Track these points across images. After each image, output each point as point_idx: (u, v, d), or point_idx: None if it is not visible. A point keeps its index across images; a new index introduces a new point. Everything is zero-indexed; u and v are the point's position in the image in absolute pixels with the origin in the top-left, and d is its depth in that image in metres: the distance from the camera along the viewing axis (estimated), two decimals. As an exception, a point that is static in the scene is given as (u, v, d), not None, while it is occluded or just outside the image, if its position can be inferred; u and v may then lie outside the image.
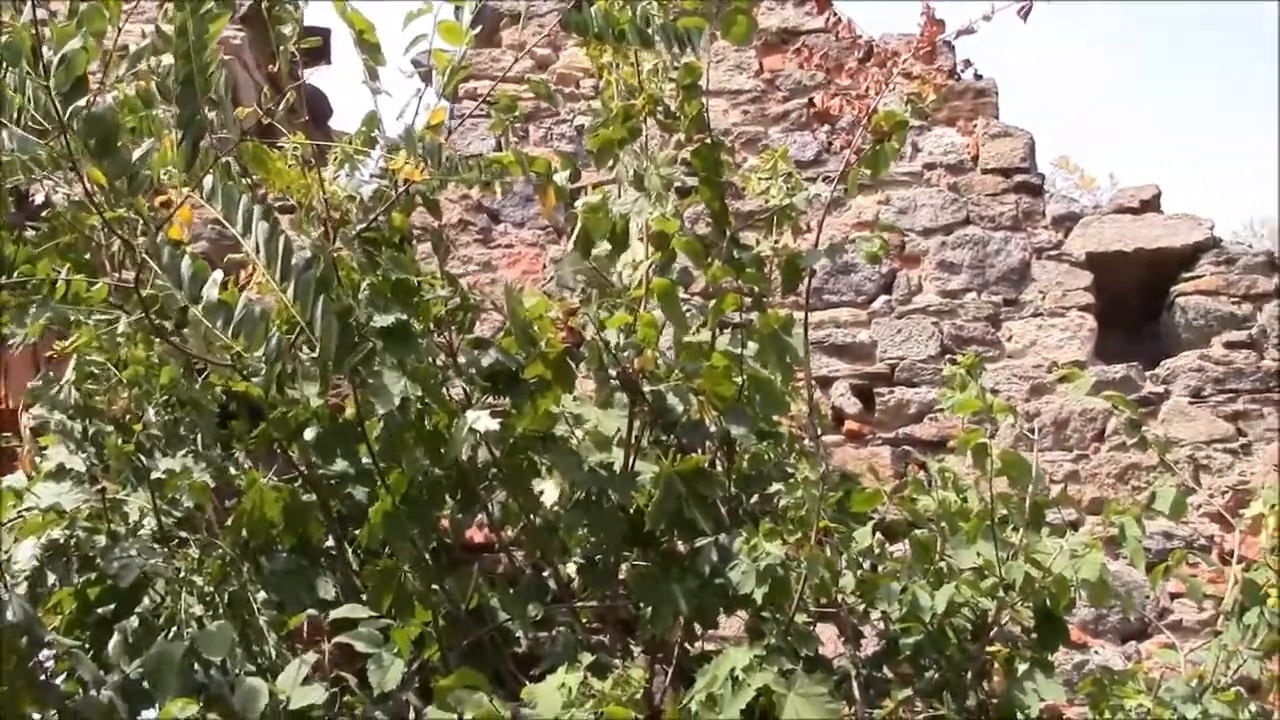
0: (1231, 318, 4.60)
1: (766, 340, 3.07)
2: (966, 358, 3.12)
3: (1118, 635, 4.18)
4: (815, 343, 4.66)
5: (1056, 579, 2.77)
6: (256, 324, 2.17)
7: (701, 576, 2.83)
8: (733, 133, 5.07)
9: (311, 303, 2.27)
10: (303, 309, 2.26)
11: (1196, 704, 2.77)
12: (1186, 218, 4.78)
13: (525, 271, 4.93)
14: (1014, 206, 4.84)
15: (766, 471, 3.13)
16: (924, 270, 4.79)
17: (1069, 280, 4.72)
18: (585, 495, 2.94)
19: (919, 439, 4.50)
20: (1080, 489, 4.40)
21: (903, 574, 2.82)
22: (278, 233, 2.31)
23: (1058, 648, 3.03)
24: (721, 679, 2.49)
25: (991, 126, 4.98)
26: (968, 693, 2.85)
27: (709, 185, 3.26)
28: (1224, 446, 4.41)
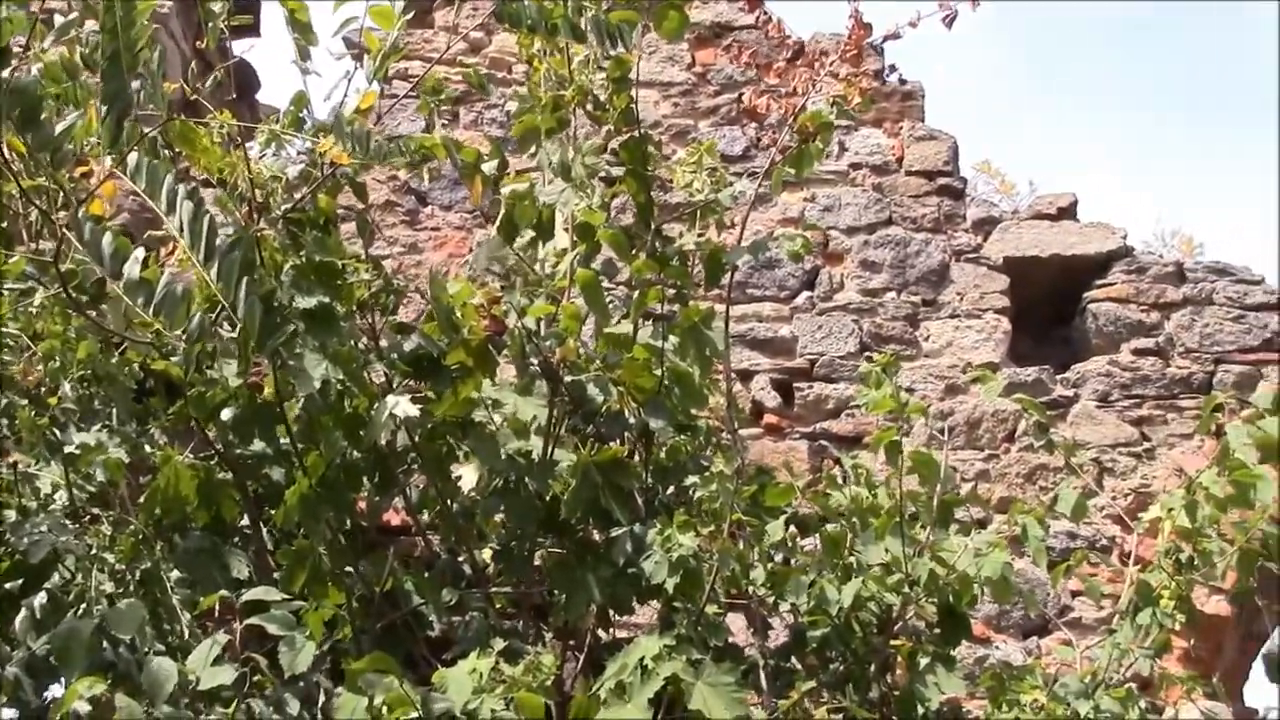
0: (1140, 325, 4.74)
1: (687, 333, 3.11)
2: (883, 356, 3.18)
3: (1020, 631, 4.30)
4: (737, 336, 4.72)
5: (960, 576, 2.85)
6: (178, 303, 2.16)
7: (615, 566, 2.87)
8: (663, 124, 5.10)
9: (235, 284, 2.26)
10: (226, 290, 2.25)
11: (1089, 700, 2.86)
12: (1101, 226, 4.91)
13: (452, 255, 4.93)
14: (936, 209, 4.93)
15: (684, 463, 3.17)
16: (846, 268, 4.87)
17: (986, 283, 4.82)
18: (503, 482, 2.97)
19: (836, 434, 4.57)
20: (990, 488, 4.50)
21: (812, 568, 2.87)
22: (202, 212, 2.30)
23: (960, 642, 3.11)
24: (631, 667, 2.53)
25: (917, 129, 5.07)
26: (871, 685, 2.92)
27: (635, 177, 3.29)
28: (1129, 450, 4.54)
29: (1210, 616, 4.19)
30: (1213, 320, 4.72)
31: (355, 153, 2.62)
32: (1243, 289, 4.77)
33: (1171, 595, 2.97)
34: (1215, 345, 4.68)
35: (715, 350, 3.15)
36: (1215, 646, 4.32)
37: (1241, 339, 4.69)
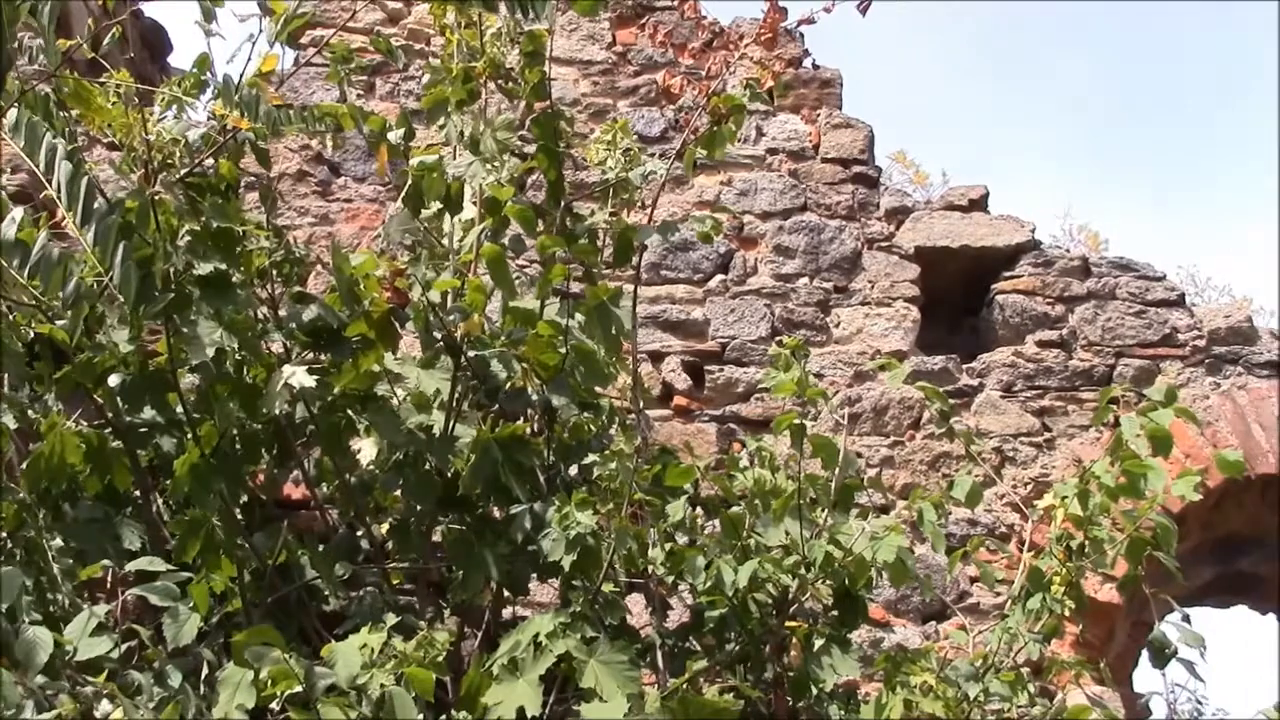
0: (1045, 317, 4.81)
1: (595, 312, 3.10)
2: (791, 340, 3.19)
3: (919, 616, 4.35)
4: (650, 318, 4.72)
5: (856, 559, 2.88)
6: (54, 266, 2.10)
7: (514, 543, 2.86)
8: (583, 103, 5.08)
9: (112, 248, 2.20)
10: (102, 254, 2.19)
11: (979, 683, 2.91)
12: (1010, 219, 4.98)
13: (364, 227, 4.86)
14: (850, 196, 4.96)
15: (587, 442, 3.16)
16: (760, 253, 4.88)
17: (897, 272, 4.87)
18: (403, 456, 2.93)
19: (745, 418, 4.59)
20: (894, 474, 4.55)
21: (710, 549, 2.88)
22: (81, 173, 2.23)
23: (857, 625, 3.14)
24: (524, 644, 2.51)
25: (834, 117, 5.09)
26: (766, 665, 2.93)
27: (547, 153, 3.26)
28: (1030, 440, 4.62)
29: (1102, 604, 4.28)
30: (1115, 315, 4.81)
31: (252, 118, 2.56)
32: (1145, 285, 4.87)
33: (1062, 582, 3.02)
34: (1116, 339, 4.78)
35: (623, 330, 3.14)
36: (1106, 633, 4.42)
37: (1142, 334, 4.79)
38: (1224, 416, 4.65)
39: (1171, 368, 4.72)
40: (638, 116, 5.02)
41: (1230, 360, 4.76)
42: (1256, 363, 4.76)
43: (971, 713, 2.93)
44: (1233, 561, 4.90)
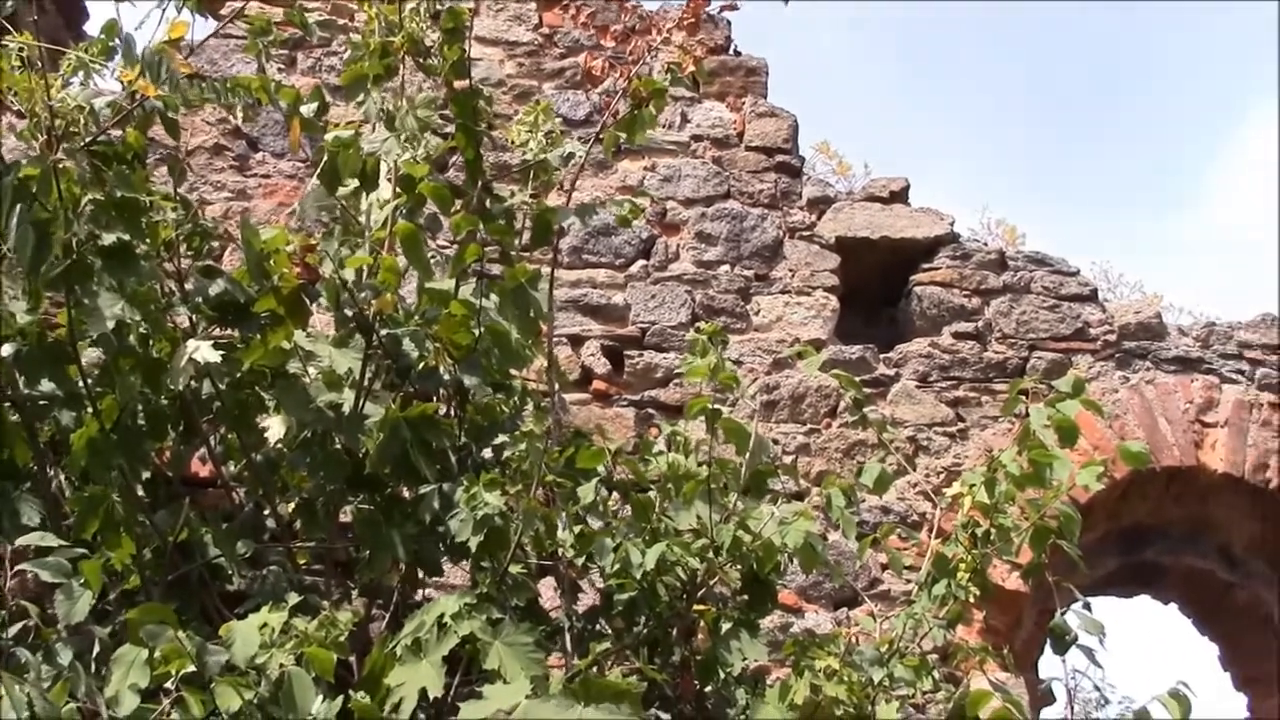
0: (962, 310, 4.88)
1: (512, 294, 3.07)
2: (709, 326, 3.19)
3: (831, 602, 4.40)
4: (571, 301, 4.71)
5: (764, 544, 2.89)
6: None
7: (422, 524, 2.83)
8: (507, 84, 5.05)
9: (7, 210, 2.14)
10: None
11: (884, 668, 2.94)
12: (930, 212, 5.03)
13: (281, 203, 4.79)
14: (773, 185, 4.99)
15: (501, 423, 3.14)
16: (683, 239, 4.89)
17: (818, 261, 4.90)
18: (311, 435, 2.89)
19: (663, 403, 4.60)
20: (810, 461, 4.59)
21: (619, 532, 2.88)
22: (-28, 135, 2.16)
23: (767, 610, 3.16)
24: (429, 625, 2.49)
25: (759, 105, 5.11)
26: (673, 648, 2.94)
27: (465, 133, 3.22)
28: (943, 430, 4.68)
29: (1009, 592, 4.35)
30: (1029, 308, 4.88)
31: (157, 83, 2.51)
32: (1059, 280, 4.95)
33: (967, 569, 3.06)
34: (1030, 332, 4.85)
35: (540, 312, 3.12)
36: (1013, 620, 4.50)
37: (1055, 328, 4.87)
38: (1132, 410, 4.74)
39: (1083, 361, 4.81)
40: (563, 99, 5.00)
41: (1139, 355, 4.86)
42: (1164, 358, 4.86)
43: (877, 697, 2.96)
44: (1137, 552, 5.01)
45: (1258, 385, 4.84)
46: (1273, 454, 4.71)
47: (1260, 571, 4.98)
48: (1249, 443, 4.72)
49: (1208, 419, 4.76)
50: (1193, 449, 4.71)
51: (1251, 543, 4.92)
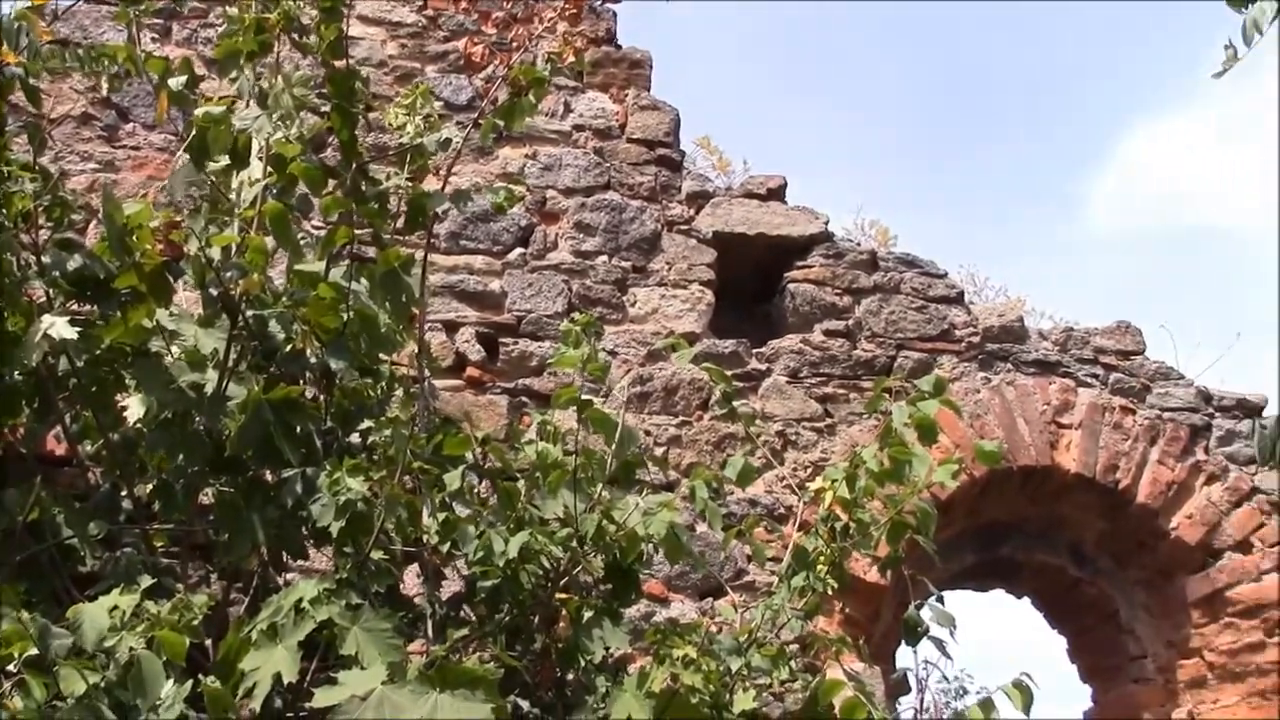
0: (833, 308, 4.97)
1: (384, 278, 3.05)
2: (582, 317, 3.21)
3: (696, 592, 4.45)
4: (447, 287, 4.68)
5: (628, 534, 2.92)
6: None
7: (284, 508, 2.80)
8: (389, 65, 5.00)
9: None
10: None
11: (741, 657, 2.99)
12: (806, 211, 5.12)
13: (151, 177, 4.67)
14: (653, 178, 5.02)
15: (368, 408, 3.12)
16: (561, 228, 4.90)
17: (695, 255, 4.95)
18: (171, 415, 2.83)
19: (536, 391, 4.60)
20: (681, 453, 4.64)
21: (483, 519, 2.88)
22: None
23: (630, 599, 3.19)
24: (286, 609, 2.47)
25: (642, 98, 5.14)
26: (535, 636, 2.95)
27: (341, 114, 3.19)
28: (812, 425, 4.77)
29: (869, 584, 4.46)
30: (898, 308, 5.00)
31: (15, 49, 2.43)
32: (928, 281, 5.08)
33: (825, 561, 3.13)
34: (899, 332, 4.97)
35: (412, 297, 3.10)
36: (873, 612, 4.61)
37: (922, 328, 4.99)
38: (992, 410, 4.89)
39: (947, 362, 4.94)
40: (445, 83, 4.97)
41: (1001, 357, 5.01)
42: (1025, 360, 5.03)
43: (735, 686, 3.01)
44: (994, 548, 5.18)
45: (1111, 389, 5.03)
46: (1122, 456, 4.91)
47: (1107, 568, 5.18)
48: (1101, 444, 4.90)
49: (1063, 421, 4.93)
50: (1048, 449, 4.87)
51: (1100, 541, 5.12)
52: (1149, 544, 5.00)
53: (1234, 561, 4.86)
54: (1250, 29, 2.55)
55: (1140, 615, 5.13)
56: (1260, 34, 2.55)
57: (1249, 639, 4.80)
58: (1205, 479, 4.94)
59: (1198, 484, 4.93)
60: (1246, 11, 2.55)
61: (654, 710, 2.74)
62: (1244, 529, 4.88)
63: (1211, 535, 4.88)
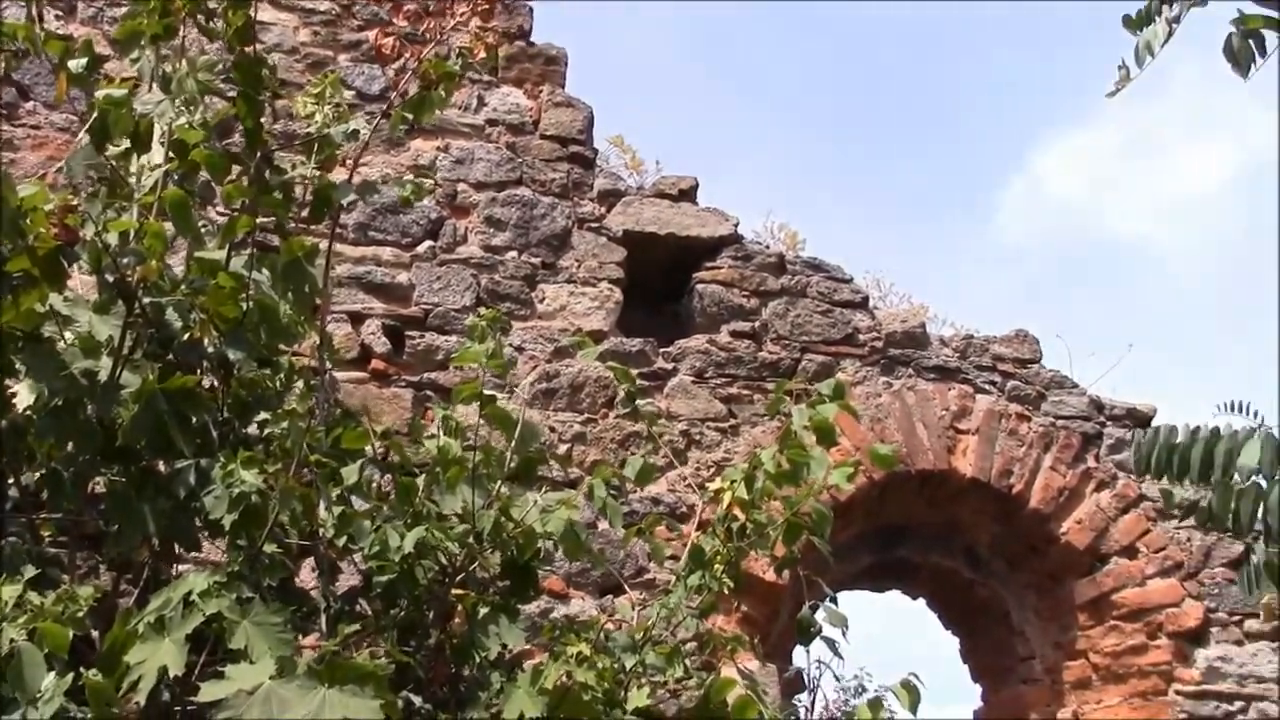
0: (740, 309, 5.02)
1: (286, 268, 3.02)
2: (489, 312, 3.21)
3: (597, 589, 4.48)
4: (354, 278, 4.65)
5: (525, 530, 2.93)
6: None
7: (177, 499, 2.76)
8: (301, 51, 4.94)
9: None
10: None
11: (636, 655, 3.02)
12: (716, 212, 5.16)
13: (51, 158, 4.57)
14: (565, 175, 5.03)
15: (267, 399, 3.09)
16: (472, 222, 4.88)
17: (605, 253, 4.97)
18: (62, 402, 2.78)
19: (442, 385, 4.59)
20: (585, 451, 4.65)
21: (380, 514, 2.87)
22: None
23: (528, 596, 3.20)
24: (175, 602, 2.44)
25: (556, 95, 5.14)
26: (430, 632, 2.95)
27: (246, 100, 3.15)
28: (716, 425, 4.81)
29: (768, 584, 4.51)
30: (804, 312, 5.07)
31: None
32: (834, 286, 5.15)
33: (721, 561, 3.16)
34: (804, 335, 5.03)
35: (315, 288, 3.07)
36: (771, 612, 4.67)
37: (827, 331, 5.06)
38: (893, 414, 4.98)
39: (850, 366, 5.02)
40: (358, 72, 4.92)
41: (903, 362, 5.10)
42: (926, 366, 5.12)
43: (630, 683, 3.03)
44: (891, 549, 5.27)
45: (1008, 396, 5.15)
46: (1017, 461, 5.03)
47: (1000, 571, 5.30)
48: (996, 450, 5.02)
49: (961, 426, 5.04)
50: (946, 454, 4.97)
51: (994, 544, 5.24)
52: (1040, 548, 5.13)
53: (1120, 566, 5.01)
54: (1143, 51, 2.64)
55: (1030, 617, 5.26)
56: (1152, 56, 2.64)
57: (1132, 641, 4.95)
58: (1095, 485, 5.08)
59: (1088, 490, 5.07)
60: (1140, 34, 2.64)
61: (547, 707, 2.75)
62: (1130, 535, 5.03)
63: (1099, 540, 5.02)
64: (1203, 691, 4.87)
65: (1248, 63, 2.17)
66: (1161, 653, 4.90)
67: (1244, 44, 2.15)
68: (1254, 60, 2.17)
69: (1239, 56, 2.16)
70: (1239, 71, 2.17)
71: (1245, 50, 2.15)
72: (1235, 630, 4.93)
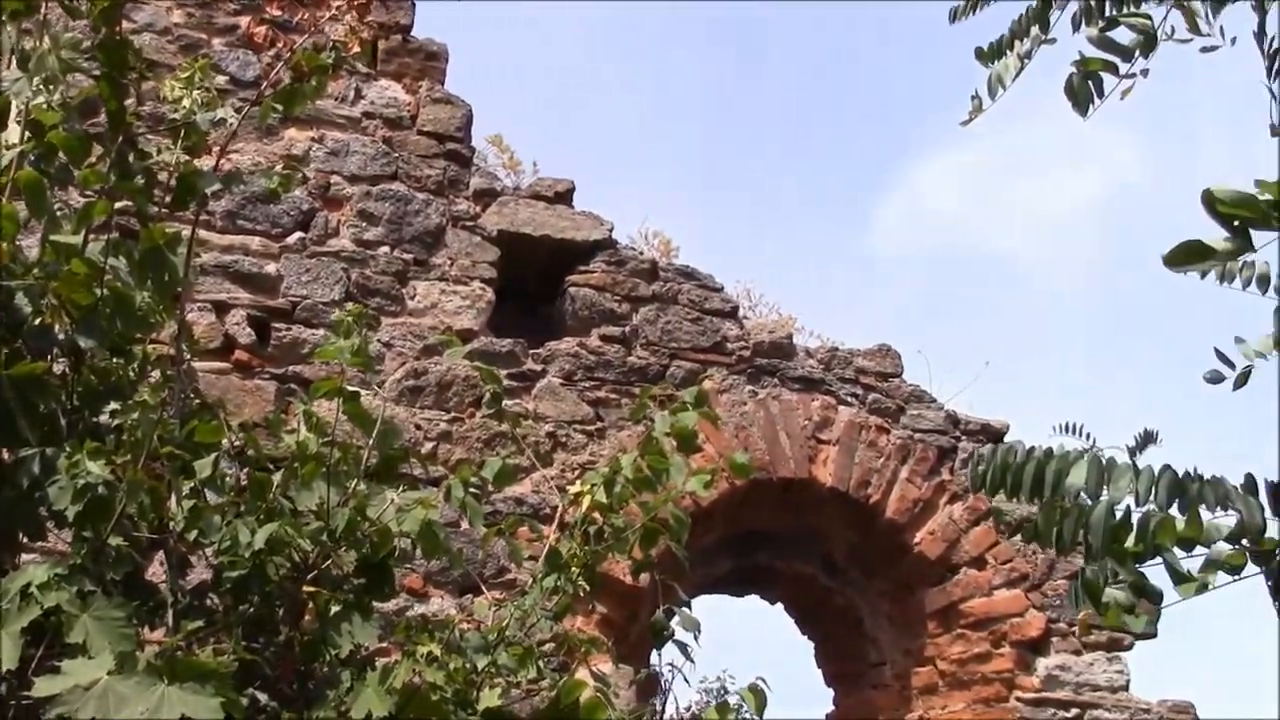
0: (612, 314, 5.07)
1: (145, 255, 2.97)
2: (355, 307, 3.19)
3: (457, 588, 4.48)
4: (220, 267, 4.57)
5: (381, 529, 2.92)
6: None
7: (20, 489, 2.69)
8: (173, 33, 4.84)
9: None
10: None
11: (488, 655, 3.03)
12: (592, 216, 5.20)
13: (-97, 129, 4.40)
14: (441, 172, 5.01)
15: (121, 389, 3.03)
16: (344, 215, 4.84)
17: (478, 253, 4.97)
18: (-101, 386, 2.69)
19: (307, 379, 4.53)
20: (451, 449, 4.65)
21: (230, 509, 2.84)
22: None
23: (384, 594, 3.19)
24: (12, 594, 2.38)
25: (435, 91, 5.12)
26: (280, 629, 2.92)
27: (109, 82, 3.08)
28: (583, 428, 4.85)
29: (629, 587, 4.56)
30: (674, 319, 5.13)
31: None
32: (704, 294, 5.22)
33: (578, 564, 3.20)
34: (673, 341, 5.10)
35: (176, 276, 3.02)
36: (630, 615, 4.72)
37: (696, 339, 5.14)
38: (757, 423, 5.07)
39: (718, 374, 5.10)
40: (233, 57, 4.85)
41: (769, 372, 5.20)
42: (791, 376, 5.23)
43: (483, 683, 3.05)
44: (751, 555, 5.37)
45: (869, 409, 5.29)
46: (875, 473, 5.16)
47: (856, 579, 5.44)
48: (856, 461, 5.15)
49: (823, 436, 5.15)
50: (807, 463, 5.08)
51: (851, 552, 5.37)
52: (894, 557, 5.27)
53: (969, 576, 5.18)
54: (995, 83, 2.74)
55: (883, 624, 5.41)
56: (1004, 88, 2.74)
57: (977, 649, 5.12)
58: (949, 498, 5.24)
59: (941, 502, 5.23)
60: (992, 67, 2.74)
61: (395, 706, 2.75)
62: (980, 546, 5.20)
63: (951, 551, 5.19)
64: (1042, 699, 5.06)
65: (1086, 102, 2.28)
66: (1004, 661, 5.08)
67: (1083, 84, 2.26)
68: (1092, 100, 2.28)
69: (1078, 96, 2.27)
70: (1078, 110, 2.28)
71: (1084, 90, 2.26)
72: (1074, 640, 5.13)
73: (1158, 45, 2.36)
